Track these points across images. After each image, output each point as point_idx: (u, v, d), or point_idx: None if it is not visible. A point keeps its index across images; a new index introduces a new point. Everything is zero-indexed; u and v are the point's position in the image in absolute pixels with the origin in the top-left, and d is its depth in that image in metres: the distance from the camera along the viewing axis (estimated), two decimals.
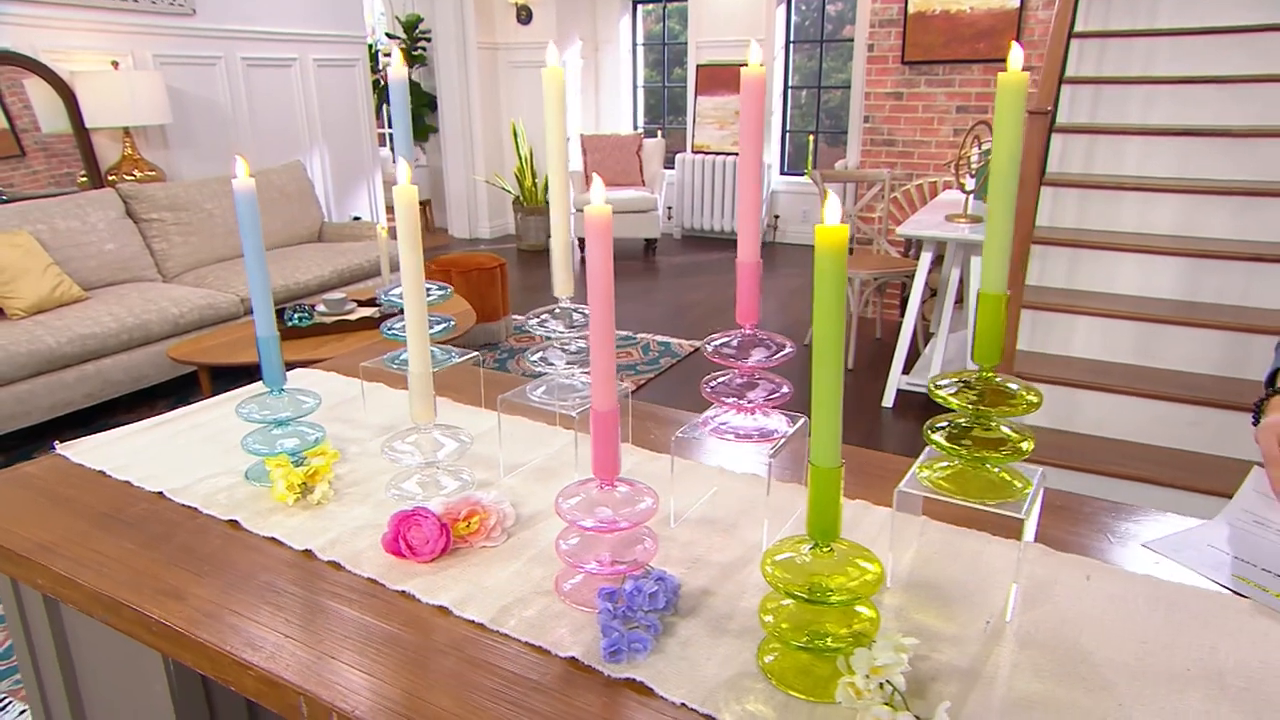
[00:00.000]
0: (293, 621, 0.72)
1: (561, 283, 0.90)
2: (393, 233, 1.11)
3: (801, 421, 0.85)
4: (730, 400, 0.80)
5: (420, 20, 7.36)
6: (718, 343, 0.83)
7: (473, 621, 0.72)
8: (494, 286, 4.39)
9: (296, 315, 3.35)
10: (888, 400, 3.68)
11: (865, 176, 4.49)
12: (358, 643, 0.69)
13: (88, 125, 4.23)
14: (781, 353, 0.79)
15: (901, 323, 3.74)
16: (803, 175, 7.06)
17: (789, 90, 7.17)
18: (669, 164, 7.43)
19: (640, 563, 0.74)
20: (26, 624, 0.96)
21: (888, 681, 0.59)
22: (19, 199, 3.88)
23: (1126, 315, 3.04)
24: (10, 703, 1.91)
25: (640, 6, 7.67)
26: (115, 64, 4.43)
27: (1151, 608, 0.73)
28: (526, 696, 0.63)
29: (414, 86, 7.49)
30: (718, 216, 7.20)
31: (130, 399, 3.52)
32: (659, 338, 4.52)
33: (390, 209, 7.85)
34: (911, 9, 4.55)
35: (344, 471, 0.98)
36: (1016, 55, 0.63)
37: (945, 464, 0.76)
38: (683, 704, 0.62)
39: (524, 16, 6.98)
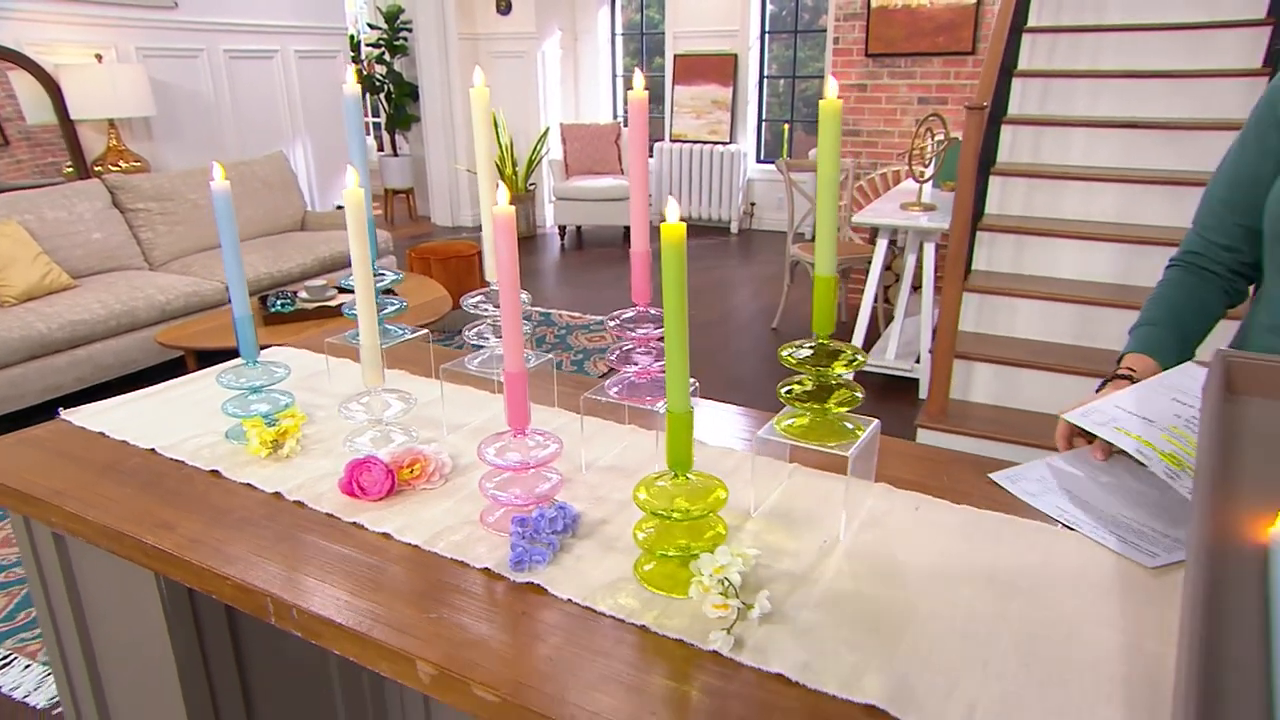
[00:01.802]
0: (262, 544, 0.89)
1: (493, 268, 1.06)
2: (377, 221, 1.26)
3: (693, 385, 1.02)
4: (626, 368, 0.97)
5: (401, 11, 7.45)
6: (621, 318, 1.00)
7: (410, 544, 0.88)
8: (472, 273, 4.53)
9: (280, 302, 3.50)
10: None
11: None
12: (315, 560, 0.86)
13: (73, 117, 4.35)
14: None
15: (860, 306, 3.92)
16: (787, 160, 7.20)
17: (765, 79, 7.31)
18: (648, 152, 7.57)
19: (547, 496, 0.91)
20: (39, 561, 1.12)
21: (726, 579, 0.76)
22: (5, 189, 4.00)
23: (1066, 298, 3.23)
24: (15, 659, 2.07)
25: None
26: (99, 57, 4.53)
27: (959, 530, 0.90)
28: (448, 595, 0.80)
29: (396, 76, 7.59)
30: (697, 204, 7.35)
31: (120, 383, 3.66)
32: None
33: (374, 197, 7.96)
34: (875, 3, 4.70)
35: (310, 432, 1.14)
36: (832, 86, 0.79)
37: (800, 416, 0.92)
38: (569, 599, 0.79)
39: (504, 7, 7.08)
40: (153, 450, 1.09)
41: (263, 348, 1.46)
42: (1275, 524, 0.68)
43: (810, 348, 0.90)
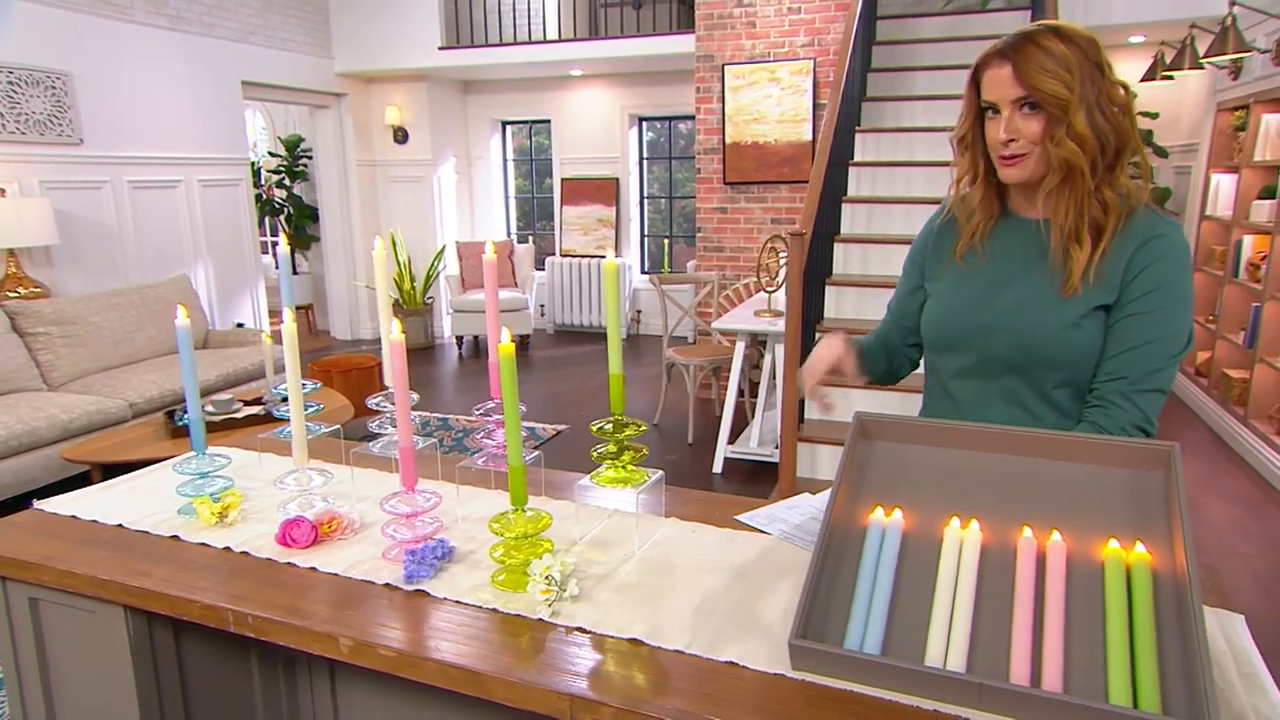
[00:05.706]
0: (219, 580, 1.22)
1: (390, 377, 1.45)
2: (276, 338, 1.62)
3: (536, 454, 1.42)
4: (488, 443, 1.37)
5: (301, 140, 7.89)
6: (485, 408, 1.40)
7: (331, 573, 1.23)
8: (372, 383, 4.83)
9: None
10: (717, 467, 4.32)
11: (699, 279, 5.26)
12: (261, 586, 1.20)
13: None
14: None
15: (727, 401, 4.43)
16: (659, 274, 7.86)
17: (645, 199, 8.05)
18: (540, 266, 8.13)
19: (430, 535, 1.28)
20: (12, 624, 1.39)
21: (549, 575, 1.15)
22: None
23: (890, 387, 3.81)
24: None
25: (509, 127, 8.48)
26: (3, 191, 4.74)
27: (718, 543, 1.32)
28: (361, 600, 1.16)
29: (295, 200, 7.95)
30: (586, 313, 7.89)
31: (14, 501, 3.74)
32: (525, 424, 5.06)
33: (273, 313, 8.16)
34: (729, 140, 5.46)
35: (247, 507, 1.47)
36: (610, 255, 1.25)
37: (609, 471, 1.34)
38: (445, 598, 1.16)
39: (400, 137, 7.63)
40: (120, 525, 1.40)
41: (166, 458, 1.74)
42: (871, 513, 1.13)
43: (610, 422, 1.32)
